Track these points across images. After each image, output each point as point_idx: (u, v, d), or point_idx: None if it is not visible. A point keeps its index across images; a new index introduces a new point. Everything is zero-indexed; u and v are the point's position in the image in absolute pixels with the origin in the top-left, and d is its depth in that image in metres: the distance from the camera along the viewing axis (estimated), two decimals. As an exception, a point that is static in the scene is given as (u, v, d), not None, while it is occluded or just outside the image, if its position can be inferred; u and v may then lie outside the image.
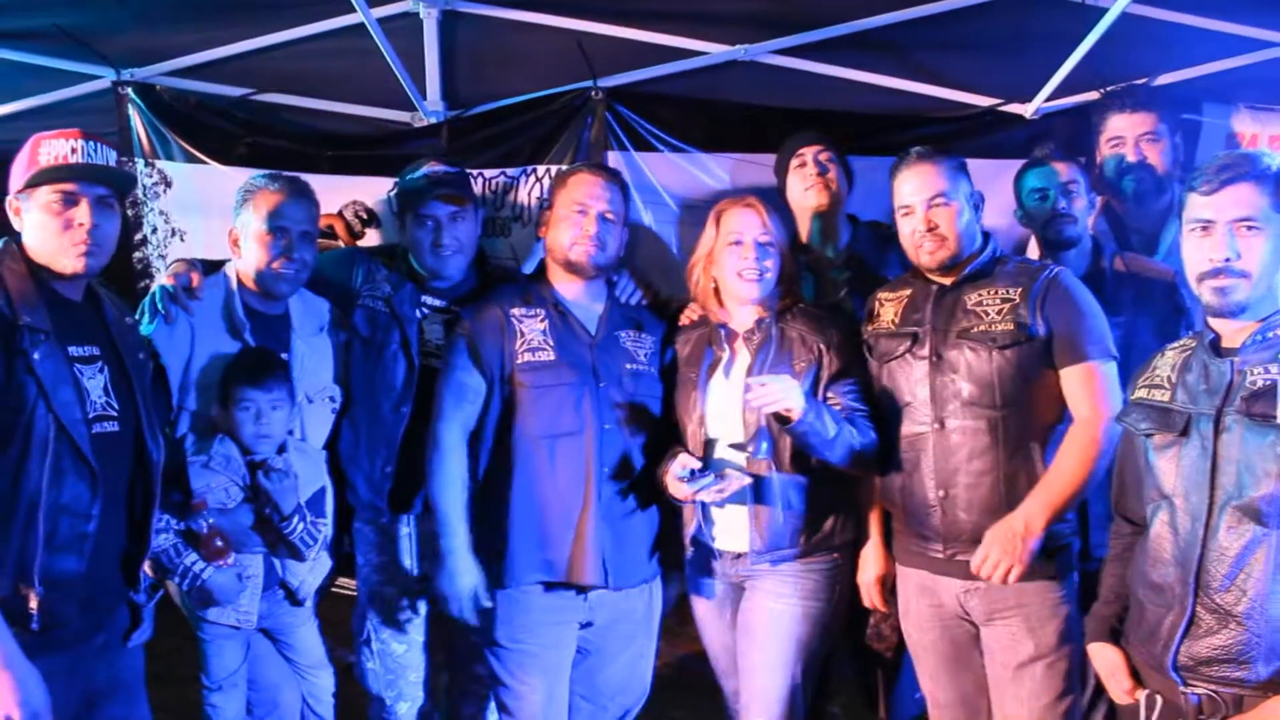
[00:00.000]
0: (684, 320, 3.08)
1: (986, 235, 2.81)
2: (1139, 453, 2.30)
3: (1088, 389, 2.61)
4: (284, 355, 2.98)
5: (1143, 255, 3.27)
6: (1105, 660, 2.34)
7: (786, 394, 2.58)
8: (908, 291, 2.83)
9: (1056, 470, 2.60)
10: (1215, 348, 2.20)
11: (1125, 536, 2.41)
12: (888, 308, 2.85)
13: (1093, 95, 3.70)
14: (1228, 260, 2.11)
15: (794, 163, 3.39)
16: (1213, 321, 2.21)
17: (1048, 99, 3.75)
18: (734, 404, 2.81)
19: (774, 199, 3.16)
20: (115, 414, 2.35)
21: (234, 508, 2.84)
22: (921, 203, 2.71)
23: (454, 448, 2.89)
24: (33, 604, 2.18)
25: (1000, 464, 2.63)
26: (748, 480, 2.73)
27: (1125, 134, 3.40)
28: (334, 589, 3.29)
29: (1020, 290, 2.67)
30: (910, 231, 2.74)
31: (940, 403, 2.68)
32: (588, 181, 2.98)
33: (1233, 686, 2.09)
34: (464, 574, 2.84)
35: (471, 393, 2.90)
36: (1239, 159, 2.18)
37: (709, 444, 2.83)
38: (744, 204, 2.89)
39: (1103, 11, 3.32)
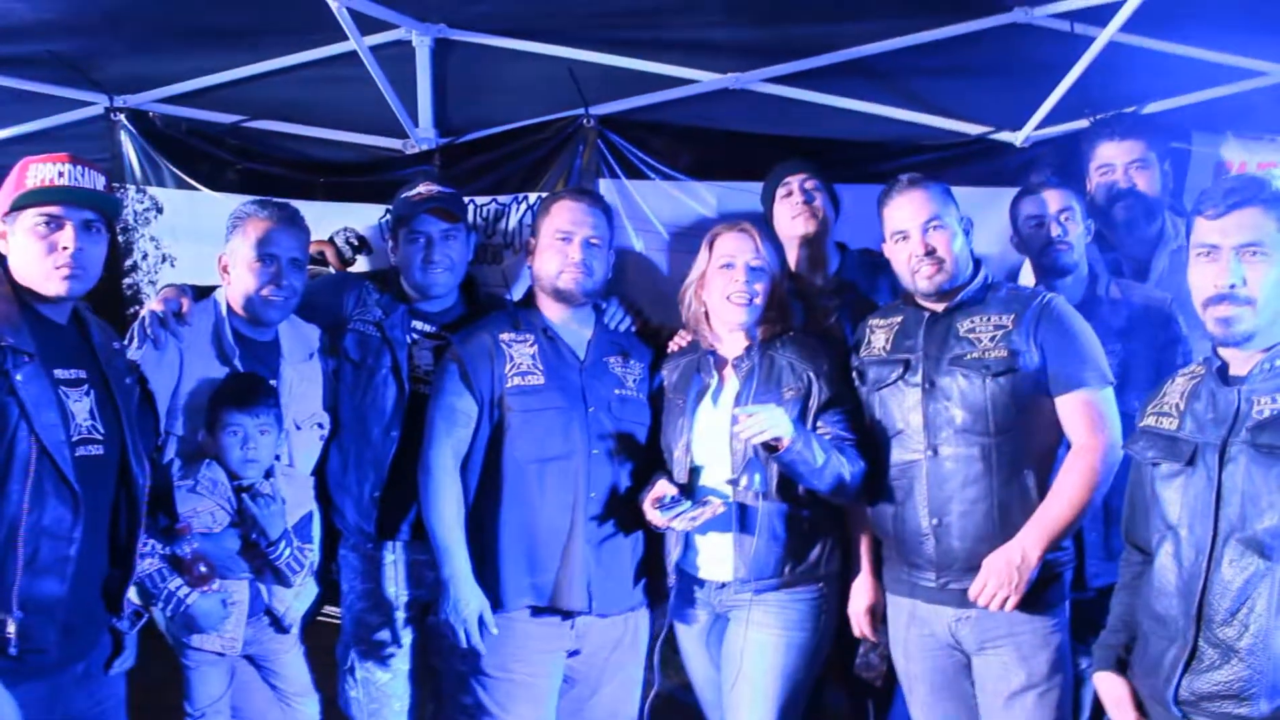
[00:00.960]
0: (672, 347, 3.07)
1: (978, 262, 2.80)
2: (1146, 481, 2.27)
3: (1085, 417, 2.59)
4: (273, 381, 2.97)
5: (1136, 282, 3.27)
6: (1110, 691, 2.31)
7: (774, 423, 2.56)
8: (899, 318, 2.81)
9: (1053, 498, 2.58)
10: (1223, 375, 2.17)
11: (1135, 565, 2.37)
12: (879, 334, 2.84)
13: (1082, 123, 3.70)
14: (1233, 287, 2.08)
15: (780, 191, 3.37)
16: (1220, 349, 2.18)
17: (1037, 127, 3.77)
18: (721, 431, 2.79)
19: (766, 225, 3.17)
20: (101, 437, 2.33)
21: (220, 533, 2.82)
22: (917, 227, 2.69)
23: (448, 473, 2.87)
24: (10, 629, 2.15)
25: (994, 491, 2.61)
26: (722, 508, 2.71)
27: (1115, 161, 3.39)
28: (319, 617, 3.25)
29: (1013, 317, 2.66)
30: (907, 257, 2.72)
31: (933, 430, 2.66)
32: (570, 208, 2.97)
33: None
34: (468, 600, 2.80)
35: (463, 416, 2.89)
36: (1246, 183, 2.14)
37: (695, 471, 2.82)
38: (738, 228, 2.88)
39: (1091, 40, 3.34)
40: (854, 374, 2.85)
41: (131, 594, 2.49)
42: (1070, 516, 2.56)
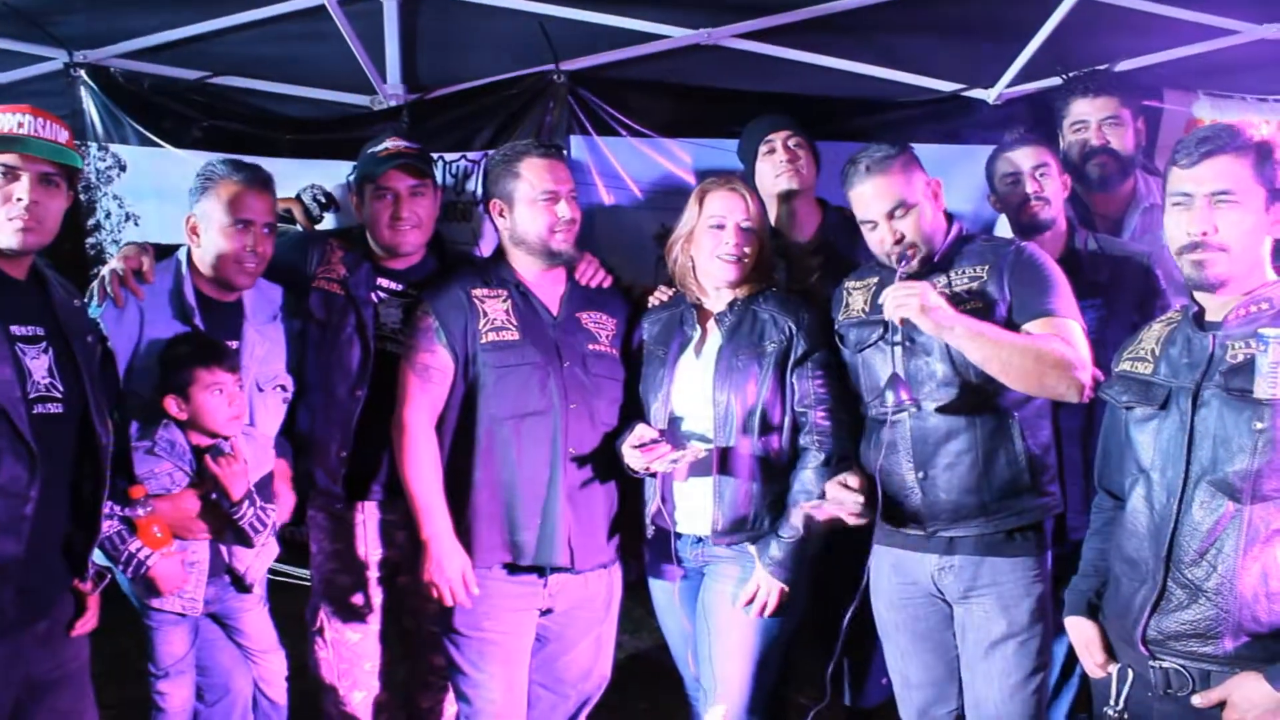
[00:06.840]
0: (654, 301, 3.05)
1: (949, 217, 2.79)
2: (1120, 426, 2.29)
3: (1050, 330, 2.54)
4: (235, 343, 2.94)
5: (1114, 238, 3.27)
6: (1081, 634, 2.35)
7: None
8: (875, 279, 2.79)
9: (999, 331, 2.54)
10: (1199, 321, 2.19)
11: (1106, 511, 2.41)
12: (856, 296, 2.83)
13: (1055, 81, 3.69)
14: (1205, 234, 2.09)
15: (763, 149, 3.34)
16: (1196, 294, 2.20)
17: (1010, 84, 3.76)
18: (702, 383, 2.80)
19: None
20: (60, 395, 2.29)
21: (179, 494, 2.79)
22: (882, 216, 2.66)
23: (423, 431, 2.85)
24: None
25: (978, 443, 2.61)
26: (703, 453, 2.71)
27: (1088, 118, 3.39)
28: (289, 579, 3.23)
29: (987, 267, 2.65)
30: (879, 241, 2.70)
31: (916, 385, 2.64)
32: (551, 166, 2.92)
33: (1200, 661, 2.10)
34: (451, 558, 2.78)
35: (438, 374, 2.86)
36: (1219, 131, 2.15)
37: (674, 421, 2.81)
38: (728, 186, 2.85)
39: (1063, -3, 3.33)
40: (836, 338, 2.84)
41: (96, 555, 2.46)
42: (995, 347, 2.50)
